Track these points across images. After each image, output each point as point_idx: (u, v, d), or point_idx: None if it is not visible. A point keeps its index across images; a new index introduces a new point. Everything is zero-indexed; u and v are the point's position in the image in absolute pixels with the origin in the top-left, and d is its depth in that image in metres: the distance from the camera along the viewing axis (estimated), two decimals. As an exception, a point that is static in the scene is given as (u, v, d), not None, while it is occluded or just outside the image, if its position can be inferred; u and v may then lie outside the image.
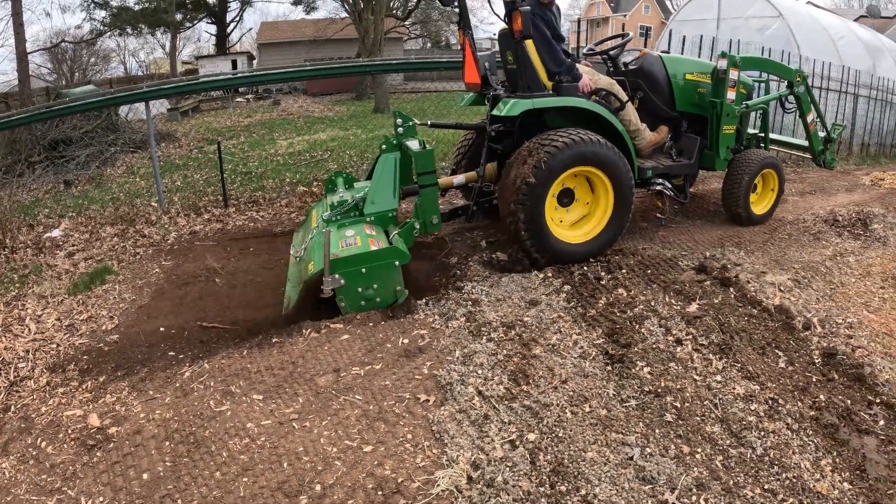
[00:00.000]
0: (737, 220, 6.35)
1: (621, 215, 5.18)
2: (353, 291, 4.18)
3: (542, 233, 4.86)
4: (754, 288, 4.65)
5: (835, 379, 3.67)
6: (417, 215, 4.77)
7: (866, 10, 35.66)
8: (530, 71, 5.01)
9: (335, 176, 5.77)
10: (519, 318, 4.23)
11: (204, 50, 44.04)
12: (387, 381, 3.47)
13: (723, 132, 5.95)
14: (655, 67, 5.99)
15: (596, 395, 3.43)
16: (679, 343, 3.93)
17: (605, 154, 4.90)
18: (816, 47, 14.58)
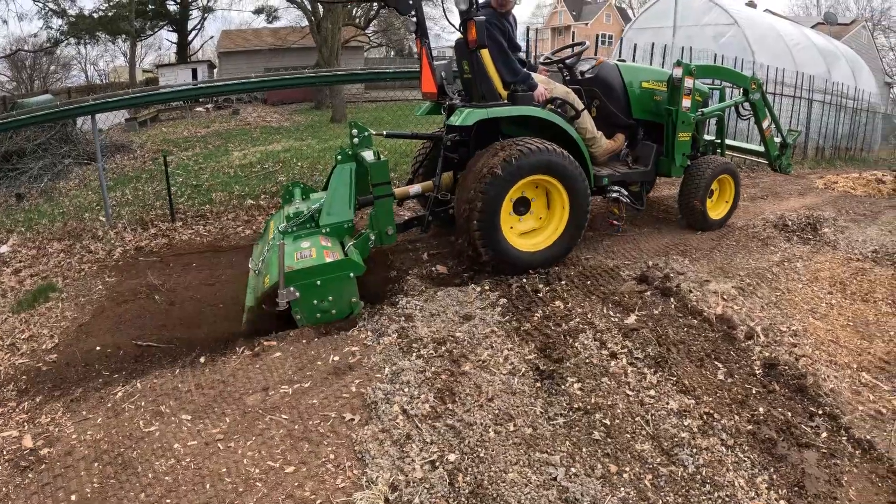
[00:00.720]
0: (693, 226, 6.36)
1: (576, 226, 5.13)
2: (308, 304, 4.12)
3: (494, 228, 4.76)
4: (696, 297, 4.51)
5: (776, 390, 3.52)
6: (373, 226, 4.71)
7: (823, 17, 36.36)
8: (485, 80, 4.95)
9: (292, 186, 5.65)
10: (451, 333, 4.05)
11: (165, 58, 43.49)
12: (314, 400, 3.35)
13: (678, 139, 5.99)
14: (612, 76, 6.01)
15: (522, 413, 3.25)
16: (613, 357, 3.76)
17: (561, 164, 4.87)
18: (772, 54, 14.75)
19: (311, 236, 4.62)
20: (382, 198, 4.74)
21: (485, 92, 4.97)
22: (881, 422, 3.35)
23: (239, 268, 5.65)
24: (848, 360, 3.93)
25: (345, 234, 4.76)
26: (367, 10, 32.08)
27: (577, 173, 4.96)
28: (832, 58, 17.78)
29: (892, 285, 5.10)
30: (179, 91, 9.24)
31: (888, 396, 3.57)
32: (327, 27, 21.32)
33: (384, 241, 4.74)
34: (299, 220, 4.80)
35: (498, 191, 4.68)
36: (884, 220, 7.64)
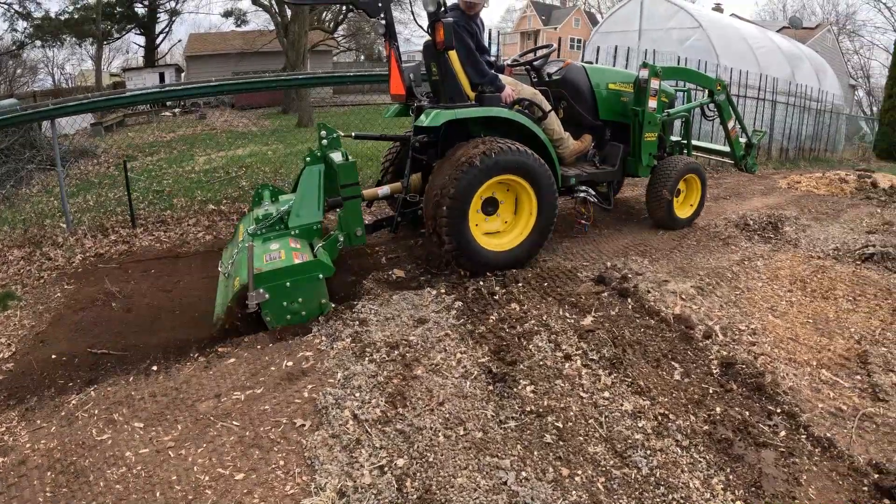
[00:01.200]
0: (661, 224, 6.42)
1: (542, 230, 5.14)
2: (278, 305, 4.11)
3: (462, 217, 4.75)
4: (654, 297, 4.45)
5: (733, 390, 3.46)
6: (341, 227, 4.72)
7: (789, 21, 36.93)
8: (453, 82, 4.97)
9: (261, 189, 5.63)
10: (405, 337, 3.98)
11: (133, 62, 42.88)
12: (266, 406, 3.31)
13: (645, 139, 6.07)
14: (579, 78, 6.08)
15: (473, 417, 3.18)
16: (568, 359, 3.68)
17: (532, 166, 4.91)
18: (736, 56, 14.87)
19: (280, 238, 4.61)
20: (351, 199, 4.75)
21: (453, 93, 4.98)
22: (841, 419, 3.30)
23: (196, 274, 5.61)
24: (807, 357, 3.88)
25: (314, 236, 4.75)
26: (336, 13, 31.93)
27: (546, 176, 5.00)
28: (796, 60, 17.97)
29: (853, 282, 5.08)
30: (139, 95, 9.01)
31: (848, 393, 3.53)
32: (294, 31, 21.11)
33: (353, 241, 4.75)
34: (268, 222, 4.79)
35: (472, 181, 4.69)
36: (846, 218, 7.68)
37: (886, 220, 7.46)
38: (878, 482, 2.84)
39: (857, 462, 2.97)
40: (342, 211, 4.76)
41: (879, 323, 4.41)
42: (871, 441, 3.16)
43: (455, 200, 4.66)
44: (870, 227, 7.15)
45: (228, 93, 14.93)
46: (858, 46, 43.68)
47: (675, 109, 6.73)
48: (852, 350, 3.99)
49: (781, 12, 48.08)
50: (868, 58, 43.68)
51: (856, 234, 6.75)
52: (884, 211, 8.26)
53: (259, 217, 4.89)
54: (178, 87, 9.28)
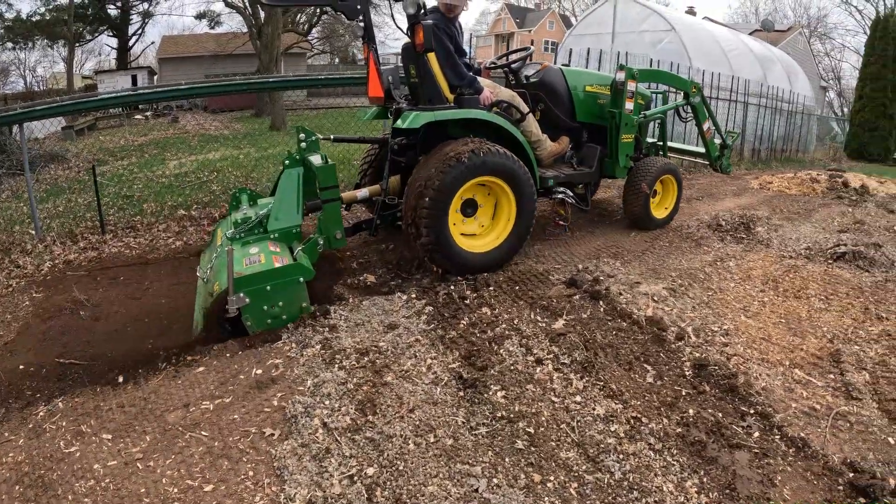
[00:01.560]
0: (638, 226, 6.47)
1: (520, 234, 5.16)
2: (258, 309, 4.06)
3: (443, 212, 4.74)
4: (626, 300, 4.41)
5: (706, 391, 3.43)
6: (321, 230, 4.70)
7: (761, 24, 37.38)
8: (432, 84, 4.97)
9: (239, 193, 5.57)
10: (375, 343, 3.91)
11: (105, 64, 42.28)
12: (235, 416, 3.23)
13: (622, 141, 6.13)
14: (556, 80, 6.10)
15: (443, 424, 3.12)
16: (539, 363, 3.62)
17: (514, 168, 4.94)
18: (708, 59, 14.97)
19: (259, 242, 4.56)
20: (330, 202, 4.71)
21: (432, 95, 4.98)
22: (815, 418, 3.29)
23: (166, 280, 5.52)
24: (780, 357, 3.86)
25: (293, 239, 4.71)
26: (311, 16, 31.75)
27: (528, 183, 5.04)
28: (768, 63, 18.13)
29: (825, 281, 5.09)
30: (108, 98, 8.85)
31: (821, 392, 3.51)
32: (268, 33, 20.94)
33: (333, 244, 4.73)
34: (247, 225, 4.72)
35: (458, 177, 4.68)
36: (817, 217, 7.73)
37: (858, 219, 7.53)
38: (853, 481, 2.82)
39: (832, 461, 2.96)
40: (322, 214, 4.73)
41: (852, 321, 4.42)
42: (845, 440, 3.15)
43: (439, 192, 4.64)
44: (841, 226, 7.21)
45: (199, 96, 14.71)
46: (829, 49, 44.39)
47: (651, 111, 6.79)
48: (825, 349, 3.99)
49: (754, 15, 48.74)
50: (839, 60, 44.40)
51: (827, 233, 6.79)
52: (855, 210, 8.33)
53: (238, 221, 4.80)
54: (147, 91, 9.11)
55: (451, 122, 5.02)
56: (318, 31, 36.36)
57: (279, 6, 18.66)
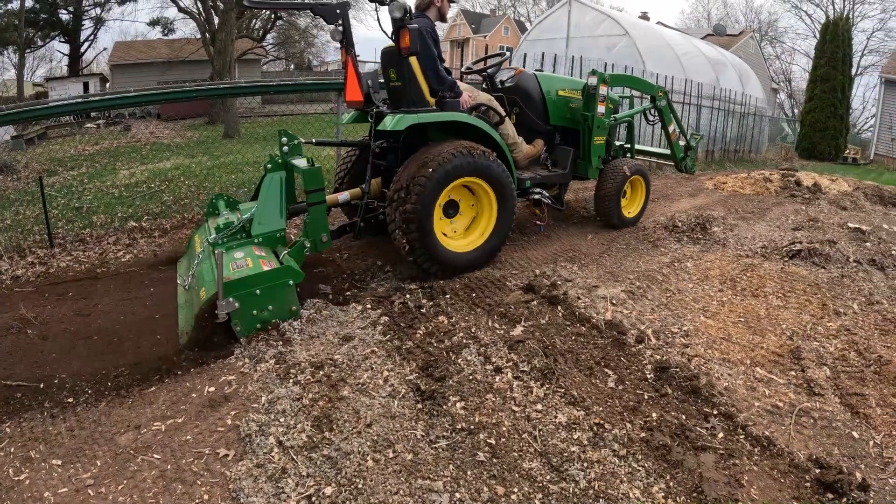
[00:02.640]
0: (610, 225, 6.68)
1: (504, 226, 5.30)
2: (247, 314, 4.01)
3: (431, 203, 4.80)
4: (584, 304, 4.35)
5: (668, 394, 3.37)
6: (307, 234, 4.65)
7: (713, 28, 38.12)
8: (415, 87, 5.04)
9: (216, 199, 5.50)
10: (330, 356, 3.78)
11: (57, 70, 41.19)
12: (188, 436, 3.10)
13: (594, 143, 6.37)
14: (530, 85, 6.30)
15: (402, 438, 3.01)
16: (498, 371, 3.53)
17: (498, 170, 5.08)
18: (662, 63, 15.15)
19: (243, 246, 4.49)
20: (316, 205, 4.68)
21: (414, 98, 5.04)
22: (779, 416, 3.27)
23: (115, 296, 5.28)
24: (741, 356, 3.84)
25: (277, 244, 4.68)
26: (266, 21, 31.38)
27: (509, 186, 5.19)
28: (720, 66, 18.43)
29: (782, 279, 5.11)
30: (53, 107, 8.55)
31: (784, 389, 3.50)
32: (221, 39, 20.60)
33: (318, 247, 4.71)
34: (230, 230, 4.64)
35: (442, 178, 4.77)
36: (772, 216, 7.81)
37: (811, 216, 7.62)
38: (819, 477, 2.80)
39: (798, 458, 2.94)
40: (307, 217, 4.68)
41: (810, 318, 4.43)
42: (809, 436, 3.13)
43: (425, 194, 4.70)
44: (795, 223, 7.29)
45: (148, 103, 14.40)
46: (780, 52, 45.54)
47: (620, 114, 7.07)
48: (785, 346, 3.98)
49: (706, 20, 49.73)
50: (789, 63, 45.52)
51: (782, 231, 6.85)
52: (808, 208, 8.45)
53: (220, 226, 4.73)
54: (95, 98, 8.83)
55: (432, 125, 5.14)
56: (272, 37, 36.01)
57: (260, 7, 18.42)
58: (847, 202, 9.01)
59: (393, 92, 5.41)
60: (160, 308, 4.69)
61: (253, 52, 31.49)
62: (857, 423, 3.28)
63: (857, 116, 37.29)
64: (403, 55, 4.85)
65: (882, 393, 3.54)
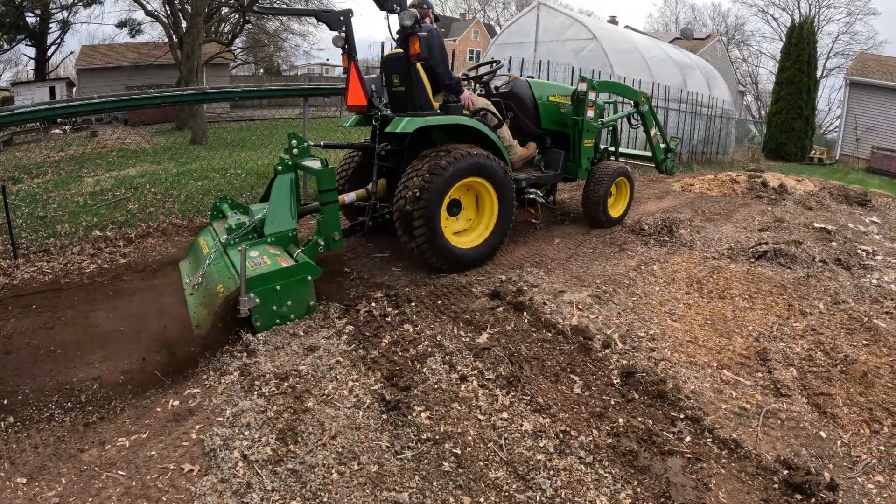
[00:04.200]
0: (597, 224, 6.90)
1: (504, 223, 5.53)
2: (267, 310, 4.13)
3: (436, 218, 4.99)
4: (550, 309, 4.31)
5: (635, 399, 3.35)
6: (320, 232, 4.77)
7: (681, 32, 38.55)
8: (421, 91, 5.23)
9: (219, 202, 5.66)
10: (295, 367, 3.71)
11: (24, 75, 40.41)
12: (153, 452, 3.04)
13: (584, 146, 6.66)
14: (524, 91, 6.61)
15: (367, 450, 2.95)
16: (463, 380, 3.47)
17: (493, 167, 5.29)
18: (629, 66, 15.26)
19: (257, 246, 4.56)
20: (329, 204, 4.81)
21: (421, 101, 5.24)
22: (746, 418, 3.27)
23: (80, 308, 5.15)
24: (708, 359, 3.83)
25: (289, 243, 4.77)
26: (234, 25, 31.05)
27: (509, 185, 5.46)
28: (687, 70, 18.60)
29: (748, 281, 5.13)
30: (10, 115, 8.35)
31: (751, 391, 3.50)
32: (189, 43, 20.32)
33: (331, 246, 4.81)
34: (242, 231, 4.75)
35: (449, 178, 4.98)
36: (738, 217, 7.86)
37: (777, 217, 7.68)
38: (787, 478, 2.80)
39: (765, 460, 2.93)
40: (321, 216, 4.80)
41: (776, 319, 4.45)
42: (777, 437, 3.14)
43: (432, 193, 4.89)
44: (762, 224, 7.34)
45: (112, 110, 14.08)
46: (747, 55, 46.15)
47: (607, 119, 7.39)
48: (751, 348, 3.98)
49: (674, 24, 50.27)
50: (756, 65, 46.10)
51: (749, 232, 6.89)
52: (774, 209, 8.52)
53: (232, 226, 4.83)
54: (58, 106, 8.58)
55: (435, 128, 5.36)
56: (241, 41, 35.65)
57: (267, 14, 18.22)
58: (813, 202, 9.10)
59: (395, 96, 5.60)
60: (125, 320, 4.59)
61: (221, 56, 31.13)
62: (825, 423, 3.29)
63: (823, 118, 37.88)
64: (413, 61, 5.09)
65: (849, 392, 3.55)
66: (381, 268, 5.56)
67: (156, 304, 4.79)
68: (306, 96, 8.45)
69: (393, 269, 5.50)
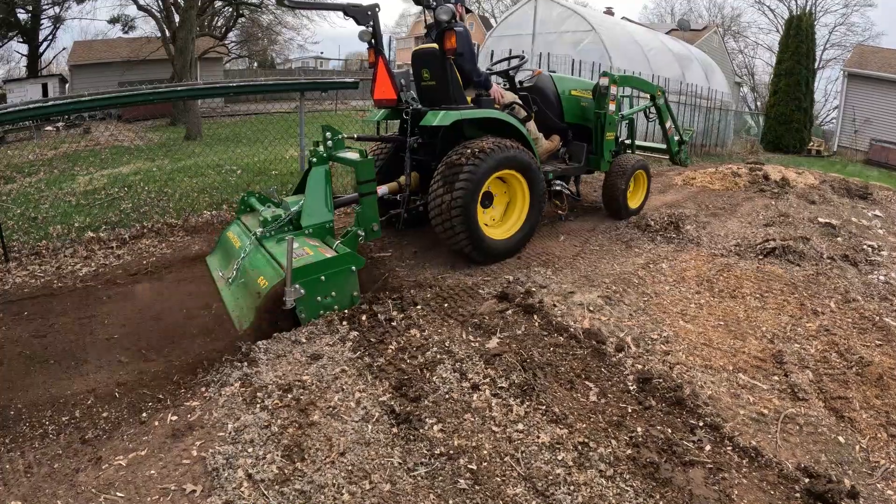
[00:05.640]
0: (617, 215, 7.02)
1: (535, 214, 5.64)
2: (312, 300, 4.15)
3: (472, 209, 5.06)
4: (561, 311, 4.20)
5: (652, 406, 3.25)
6: (359, 223, 4.83)
7: (677, 23, 38.46)
8: (455, 86, 5.31)
9: (247, 196, 5.72)
10: (298, 377, 3.56)
11: (16, 72, 39.98)
12: (152, 471, 2.87)
13: (606, 139, 6.79)
14: (547, 85, 6.75)
15: (378, 467, 2.82)
16: (475, 389, 3.36)
17: (526, 160, 5.39)
18: (628, 58, 15.14)
19: (296, 238, 4.49)
20: (368, 195, 4.89)
21: (455, 95, 5.32)
22: (765, 424, 3.18)
23: (73, 314, 5.00)
24: (723, 362, 3.74)
25: (326, 235, 4.79)
26: (228, 19, 30.80)
27: (538, 172, 5.54)
28: (686, 61, 18.48)
29: (758, 279, 5.04)
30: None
31: (768, 396, 3.41)
32: (182, 37, 20.11)
33: (370, 236, 4.90)
34: (278, 223, 4.81)
35: (486, 170, 5.06)
36: (742, 212, 7.78)
37: (782, 211, 7.60)
38: (809, 487, 2.72)
39: (786, 468, 2.85)
40: (360, 207, 4.87)
41: (789, 319, 4.36)
42: (796, 444, 3.05)
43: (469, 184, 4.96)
44: (767, 219, 7.26)
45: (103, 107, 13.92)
46: (743, 46, 46.16)
47: (627, 112, 7.61)
48: (766, 350, 3.90)
49: (669, 15, 50.11)
50: (752, 57, 46.10)
51: (754, 227, 6.81)
52: (777, 202, 8.44)
53: (268, 219, 4.85)
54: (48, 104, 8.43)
55: (467, 122, 5.42)
56: (235, 34, 35.41)
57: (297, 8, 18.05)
58: (815, 196, 9.04)
59: (425, 91, 5.72)
60: (120, 327, 4.45)
61: (215, 51, 30.90)
62: (843, 428, 3.22)
63: (820, 109, 37.87)
64: (449, 56, 5.14)
65: (865, 395, 3.48)
66: (384, 268, 5.46)
67: (151, 311, 4.67)
68: (303, 90, 8.27)
69: (397, 269, 5.40)
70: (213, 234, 6.54)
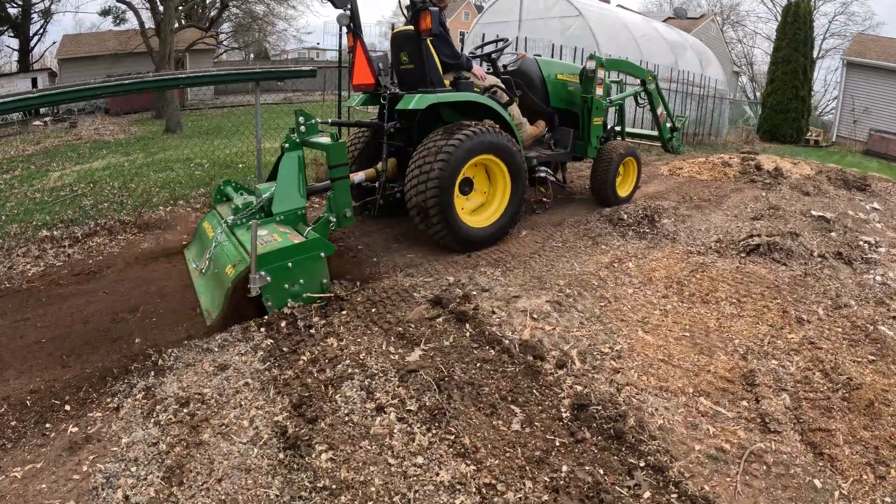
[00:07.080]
0: (605, 203, 6.88)
1: (517, 202, 5.53)
2: (279, 288, 3.98)
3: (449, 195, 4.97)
4: (499, 319, 3.66)
5: (586, 439, 2.70)
6: (331, 209, 4.65)
7: (674, 11, 38.05)
8: (433, 68, 5.28)
9: (223, 185, 5.60)
10: (200, 389, 3.16)
11: (7, 67, 39.65)
12: (43, 485, 2.67)
13: (593, 124, 6.72)
14: (532, 69, 6.68)
15: (252, 499, 2.40)
16: (380, 411, 2.85)
17: (506, 145, 5.30)
18: (618, 45, 14.90)
19: (265, 224, 4.49)
20: (339, 179, 4.71)
21: (433, 78, 5.28)
22: (724, 463, 2.61)
23: (11, 316, 4.65)
24: (682, 383, 3.18)
25: (298, 221, 4.65)
26: (219, 11, 30.34)
27: (520, 157, 5.44)
28: (679, 49, 18.11)
29: (737, 281, 4.50)
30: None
31: (732, 427, 2.85)
32: (163, 29, 19.72)
33: (343, 223, 4.72)
34: (249, 210, 4.76)
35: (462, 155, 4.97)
36: (729, 204, 7.28)
37: (772, 204, 7.07)
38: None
39: (744, 525, 2.27)
40: (332, 192, 4.69)
41: (768, 329, 3.81)
42: (760, 489, 2.49)
43: (445, 171, 4.86)
44: (755, 212, 6.74)
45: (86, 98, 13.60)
46: (742, 35, 45.65)
47: (615, 97, 7.45)
48: (736, 369, 3.33)
49: (668, 3, 49.55)
50: (751, 46, 45.60)
51: (740, 221, 6.30)
52: (769, 194, 7.94)
53: (239, 206, 4.80)
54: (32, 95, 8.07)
55: (445, 106, 5.42)
56: (228, 26, 34.90)
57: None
58: (810, 187, 8.48)
59: (404, 74, 5.64)
60: (49, 330, 4.16)
61: (203, 42, 30.48)
62: (821, 468, 2.63)
63: (819, 99, 37.32)
64: (424, 36, 5.10)
65: (851, 426, 2.90)
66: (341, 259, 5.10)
67: (82, 314, 4.39)
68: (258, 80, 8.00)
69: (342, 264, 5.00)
70: (165, 232, 6.39)
